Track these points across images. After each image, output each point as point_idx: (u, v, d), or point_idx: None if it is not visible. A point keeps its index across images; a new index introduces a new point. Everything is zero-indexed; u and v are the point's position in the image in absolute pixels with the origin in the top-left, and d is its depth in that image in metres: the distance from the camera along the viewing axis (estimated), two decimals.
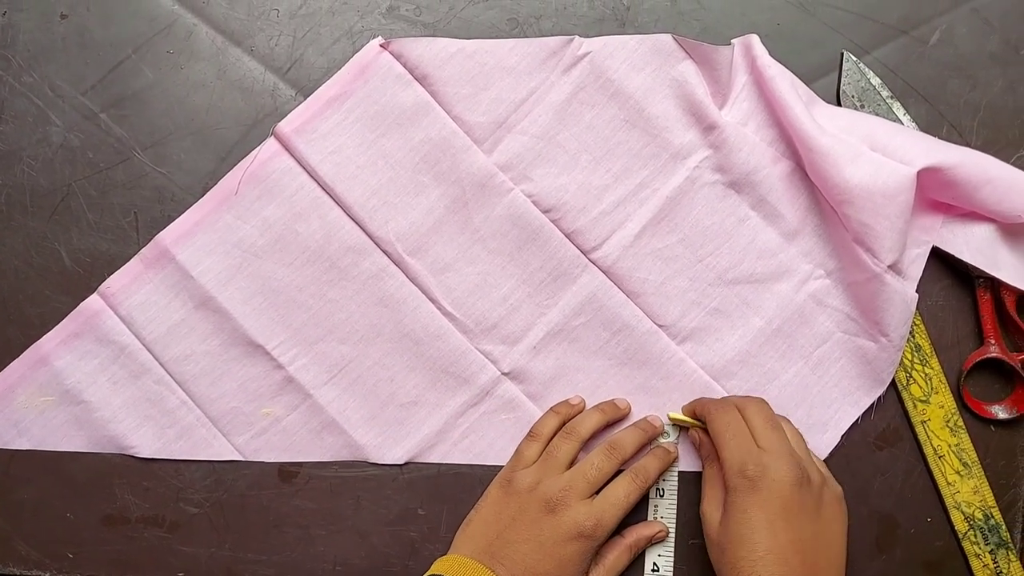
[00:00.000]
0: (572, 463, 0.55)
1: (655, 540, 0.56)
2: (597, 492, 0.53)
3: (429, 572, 0.52)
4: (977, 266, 0.56)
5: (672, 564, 0.56)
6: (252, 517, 0.58)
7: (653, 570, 0.56)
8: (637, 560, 0.56)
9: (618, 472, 0.55)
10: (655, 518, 0.57)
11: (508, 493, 0.54)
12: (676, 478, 0.57)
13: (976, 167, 0.54)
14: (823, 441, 0.57)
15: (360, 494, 0.58)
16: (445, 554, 0.54)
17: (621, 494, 0.53)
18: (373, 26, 0.59)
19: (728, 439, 0.51)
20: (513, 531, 0.52)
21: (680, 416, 0.56)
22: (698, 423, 0.55)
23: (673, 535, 0.56)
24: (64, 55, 0.59)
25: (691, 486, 0.57)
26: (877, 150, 0.54)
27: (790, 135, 0.56)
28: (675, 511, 0.57)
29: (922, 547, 0.58)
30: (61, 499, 0.58)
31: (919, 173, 0.53)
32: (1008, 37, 0.59)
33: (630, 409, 0.57)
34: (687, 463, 0.57)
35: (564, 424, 0.56)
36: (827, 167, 0.54)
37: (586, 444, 0.56)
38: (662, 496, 0.57)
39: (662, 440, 0.57)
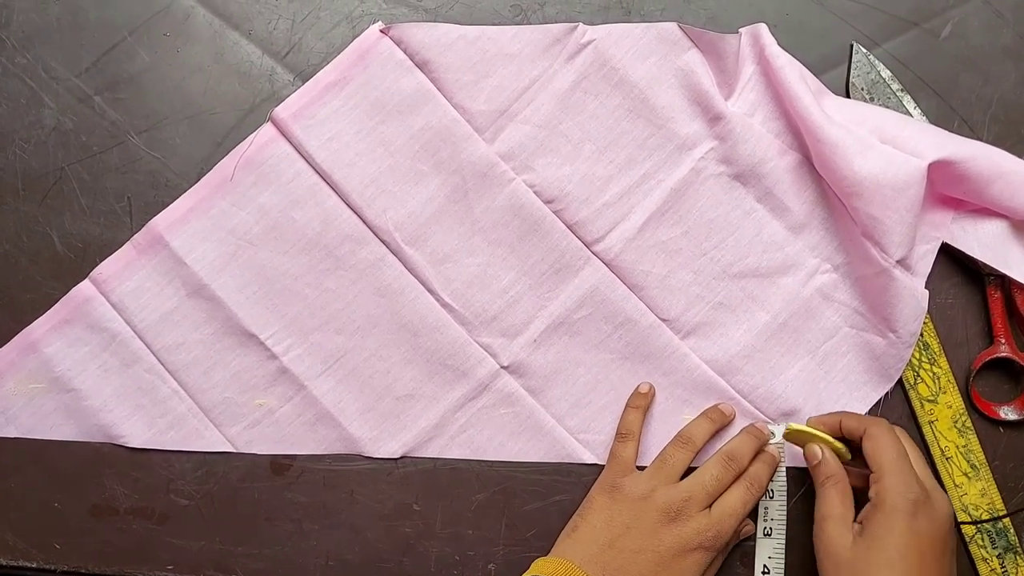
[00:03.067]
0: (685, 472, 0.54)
1: (743, 535, 0.55)
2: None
3: (529, 572, 0.51)
4: (988, 263, 0.55)
5: (783, 567, 0.55)
6: (243, 510, 0.57)
7: (764, 572, 0.55)
8: (748, 562, 0.56)
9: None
10: (766, 520, 0.55)
11: (617, 500, 0.53)
12: (784, 477, 0.55)
13: (989, 161, 0.53)
14: None
15: (354, 488, 0.57)
16: (440, 550, 0.53)
17: (738, 504, 0.52)
18: (374, 10, 0.58)
19: (895, 459, 0.49)
20: (628, 540, 0.51)
21: (805, 428, 0.53)
22: (823, 436, 0.53)
23: (784, 537, 0.55)
24: (59, 36, 0.58)
25: (792, 485, 0.56)
26: (887, 142, 0.53)
27: (798, 126, 0.55)
28: (785, 512, 0.55)
29: None
30: (48, 488, 0.57)
31: (930, 167, 0.52)
32: (1021, 31, 0.58)
33: (735, 415, 0.56)
34: (790, 461, 0.56)
35: (644, 415, 0.56)
36: (836, 159, 0.53)
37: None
38: (771, 498, 0.55)
39: (768, 446, 0.55)
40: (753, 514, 0.55)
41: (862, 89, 0.57)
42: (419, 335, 0.57)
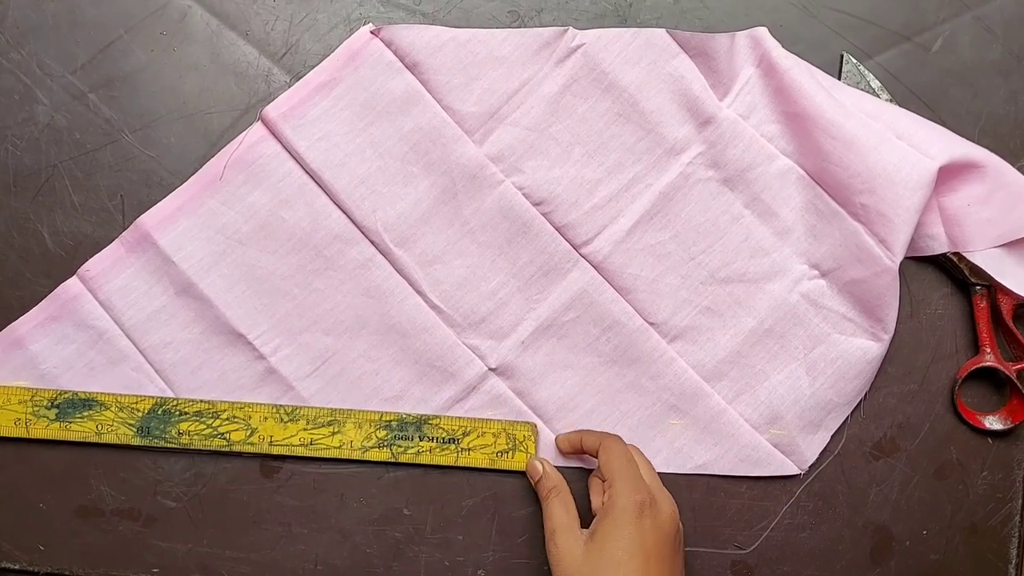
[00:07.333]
0: None
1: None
2: None
3: None
4: (985, 270, 0.55)
5: None
6: (232, 513, 0.56)
7: None
8: None
9: None
10: None
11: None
12: None
13: (994, 171, 0.54)
14: (813, 441, 0.56)
15: (344, 492, 0.57)
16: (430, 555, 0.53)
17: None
18: (371, 14, 0.58)
19: (623, 466, 0.50)
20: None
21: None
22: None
23: None
24: (54, 33, 0.58)
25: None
26: (900, 139, 0.53)
27: (794, 131, 0.55)
28: None
29: (917, 560, 0.56)
30: (34, 489, 0.56)
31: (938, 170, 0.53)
32: (1011, 47, 0.58)
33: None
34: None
35: None
36: (850, 155, 0.53)
37: None
38: None
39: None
40: None
41: None
42: (407, 336, 0.56)
